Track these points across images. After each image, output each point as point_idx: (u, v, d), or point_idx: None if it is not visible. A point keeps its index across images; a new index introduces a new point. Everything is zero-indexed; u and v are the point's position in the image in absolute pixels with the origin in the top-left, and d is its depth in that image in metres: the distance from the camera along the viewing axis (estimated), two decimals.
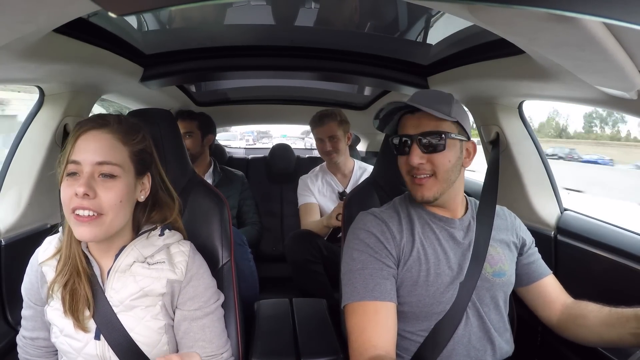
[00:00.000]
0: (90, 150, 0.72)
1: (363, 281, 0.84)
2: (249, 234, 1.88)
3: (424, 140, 0.87)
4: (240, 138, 16.12)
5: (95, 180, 0.71)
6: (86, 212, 0.70)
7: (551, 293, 0.96)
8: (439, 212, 0.93)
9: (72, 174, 0.71)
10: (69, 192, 0.70)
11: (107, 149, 0.72)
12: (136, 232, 0.83)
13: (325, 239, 1.75)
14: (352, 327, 0.83)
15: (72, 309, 0.75)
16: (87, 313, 0.76)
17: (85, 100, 1.27)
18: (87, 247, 0.80)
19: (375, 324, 0.81)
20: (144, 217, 0.84)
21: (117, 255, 0.79)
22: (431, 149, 0.86)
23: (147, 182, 0.81)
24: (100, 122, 0.75)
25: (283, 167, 2.43)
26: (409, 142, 0.88)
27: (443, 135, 0.86)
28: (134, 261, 0.79)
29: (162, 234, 0.83)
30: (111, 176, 0.72)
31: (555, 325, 0.95)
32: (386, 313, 0.82)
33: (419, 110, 0.87)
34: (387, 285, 0.84)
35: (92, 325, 0.77)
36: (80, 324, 0.76)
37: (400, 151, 0.91)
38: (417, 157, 0.86)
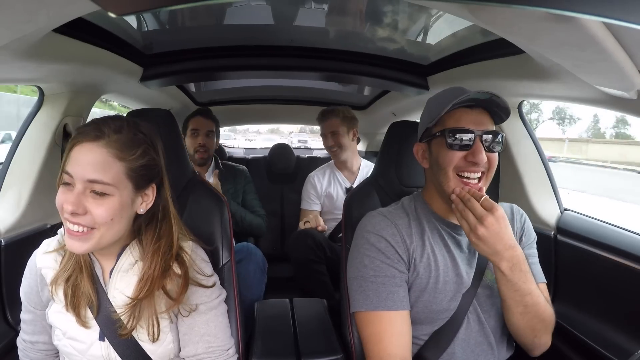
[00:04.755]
0: (82, 164, 0.67)
1: (375, 290, 0.83)
2: (256, 221, 1.88)
3: (490, 138, 0.83)
4: (246, 139, 16.35)
5: (86, 196, 0.68)
6: (76, 228, 0.68)
7: None
8: (448, 217, 0.90)
9: (66, 184, 0.69)
10: (61, 199, 0.68)
11: (99, 166, 0.67)
12: (137, 232, 0.79)
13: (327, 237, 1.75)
14: (367, 336, 0.83)
15: (74, 304, 0.75)
16: (90, 311, 0.76)
17: (85, 100, 1.27)
18: None
19: (391, 334, 0.81)
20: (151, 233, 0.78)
21: (119, 255, 0.78)
22: (490, 148, 0.84)
23: (150, 193, 0.76)
24: (95, 134, 0.69)
25: (283, 167, 2.43)
26: (472, 137, 0.83)
27: (500, 136, 0.85)
28: (136, 260, 0.78)
29: None
30: (102, 194, 0.68)
31: (514, 332, 0.88)
32: (401, 321, 0.82)
33: (477, 106, 0.84)
34: (400, 293, 0.83)
35: (94, 322, 0.76)
36: (81, 321, 0.75)
37: (456, 146, 0.84)
38: (483, 154, 0.82)
